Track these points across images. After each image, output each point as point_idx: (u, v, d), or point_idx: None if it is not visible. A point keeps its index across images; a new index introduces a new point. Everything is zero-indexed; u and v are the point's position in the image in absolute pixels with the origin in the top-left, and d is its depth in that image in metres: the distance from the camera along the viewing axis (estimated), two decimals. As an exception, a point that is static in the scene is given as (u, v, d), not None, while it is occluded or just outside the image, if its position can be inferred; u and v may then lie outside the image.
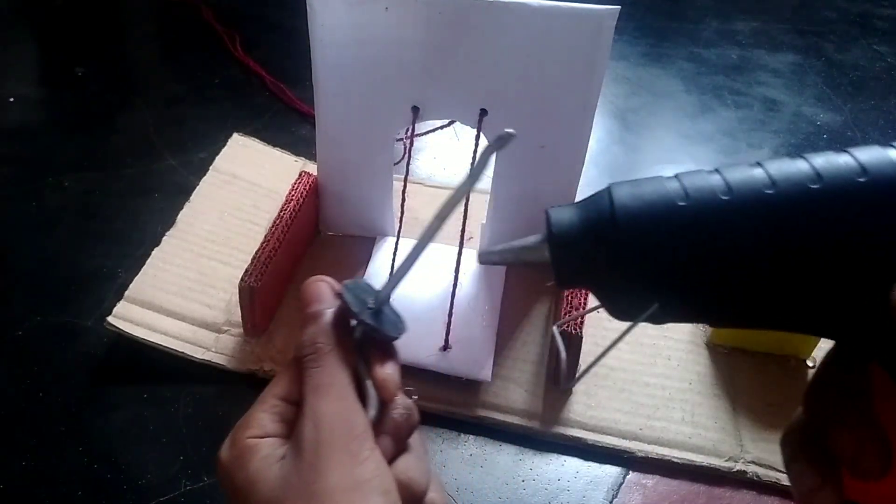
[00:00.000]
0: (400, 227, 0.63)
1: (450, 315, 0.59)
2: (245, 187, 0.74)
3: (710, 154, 0.87)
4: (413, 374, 0.57)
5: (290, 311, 0.64)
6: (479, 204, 0.66)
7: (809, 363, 0.61)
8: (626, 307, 0.28)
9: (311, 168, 0.72)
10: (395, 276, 0.34)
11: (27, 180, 0.77)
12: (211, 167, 0.76)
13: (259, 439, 0.32)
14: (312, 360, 0.33)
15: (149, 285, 0.63)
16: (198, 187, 0.73)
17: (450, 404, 0.58)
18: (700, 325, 0.64)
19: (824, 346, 0.56)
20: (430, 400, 0.57)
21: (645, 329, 0.63)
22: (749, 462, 0.55)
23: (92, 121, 0.85)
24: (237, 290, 0.59)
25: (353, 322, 0.35)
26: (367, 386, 0.34)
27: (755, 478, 0.55)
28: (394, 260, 0.63)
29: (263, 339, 0.61)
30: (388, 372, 0.34)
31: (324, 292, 0.35)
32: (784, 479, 0.54)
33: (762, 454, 0.55)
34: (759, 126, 0.91)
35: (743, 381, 0.60)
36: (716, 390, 0.60)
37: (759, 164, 0.26)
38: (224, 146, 0.78)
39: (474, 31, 0.55)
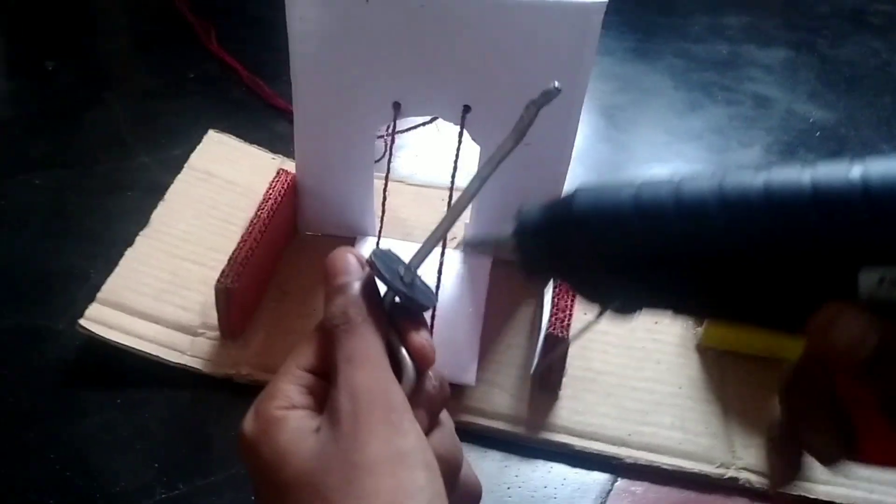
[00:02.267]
0: (381, 226, 0.62)
1: (432, 317, 0.58)
2: (221, 185, 0.73)
3: (700, 152, 0.86)
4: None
5: (267, 313, 0.63)
6: (463, 203, 0.65)
7: (801, 366, 0.60)
8: (592, 295, 0.32)
9: (289, 166, 0.72)
10: (427, 245, 0.35)
11: (-5, 178, 0.75)
12: (186, 164, 0.74)
13: (287, 410, 0.31)
14: (344, 331, 0.32)
15: (122, 287, 0.62)
16: (172, 185, 0.72)
17: (432, 410, 0.57)
18: (690, 328, 0.63)
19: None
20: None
21: (634, 332, 0.62)
22: (741, 468, 0.54)
23: (62, 116, 0.84)
24: (213, 292, 0.58)
25: (383, 292, 0.34)
26: (401, 358, 0.34)
27: (747, 485, 0.54)
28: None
29: (240, 343, 0.60)
30: (425, 339, 0.34)
31: (351, 263, 0.35)
32: (777, 487, 0.53)
33: (754, 460, 0.55)
34: (749, 124, 0.90)
35: (734, 385, 0.60)
36: (707, 394, 0.59)
37: (720, 185, 0.28)
38: (199, 143, 0.77)
39: (457, 24, 0.55)
